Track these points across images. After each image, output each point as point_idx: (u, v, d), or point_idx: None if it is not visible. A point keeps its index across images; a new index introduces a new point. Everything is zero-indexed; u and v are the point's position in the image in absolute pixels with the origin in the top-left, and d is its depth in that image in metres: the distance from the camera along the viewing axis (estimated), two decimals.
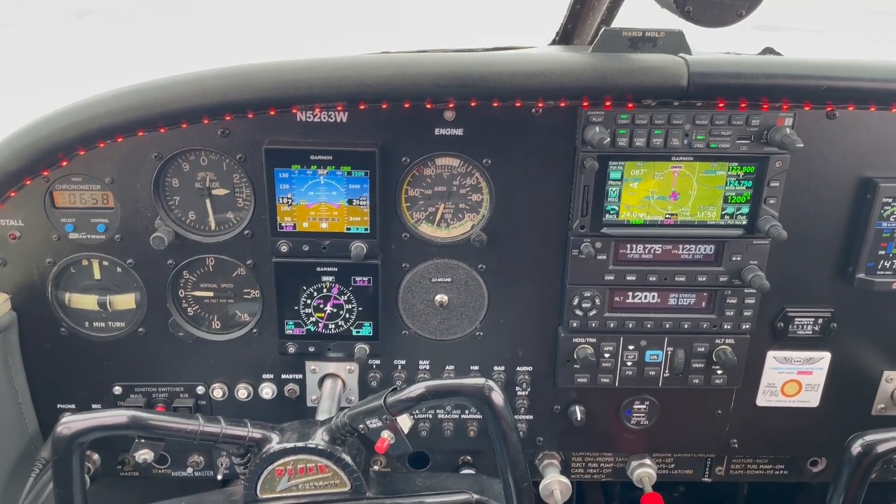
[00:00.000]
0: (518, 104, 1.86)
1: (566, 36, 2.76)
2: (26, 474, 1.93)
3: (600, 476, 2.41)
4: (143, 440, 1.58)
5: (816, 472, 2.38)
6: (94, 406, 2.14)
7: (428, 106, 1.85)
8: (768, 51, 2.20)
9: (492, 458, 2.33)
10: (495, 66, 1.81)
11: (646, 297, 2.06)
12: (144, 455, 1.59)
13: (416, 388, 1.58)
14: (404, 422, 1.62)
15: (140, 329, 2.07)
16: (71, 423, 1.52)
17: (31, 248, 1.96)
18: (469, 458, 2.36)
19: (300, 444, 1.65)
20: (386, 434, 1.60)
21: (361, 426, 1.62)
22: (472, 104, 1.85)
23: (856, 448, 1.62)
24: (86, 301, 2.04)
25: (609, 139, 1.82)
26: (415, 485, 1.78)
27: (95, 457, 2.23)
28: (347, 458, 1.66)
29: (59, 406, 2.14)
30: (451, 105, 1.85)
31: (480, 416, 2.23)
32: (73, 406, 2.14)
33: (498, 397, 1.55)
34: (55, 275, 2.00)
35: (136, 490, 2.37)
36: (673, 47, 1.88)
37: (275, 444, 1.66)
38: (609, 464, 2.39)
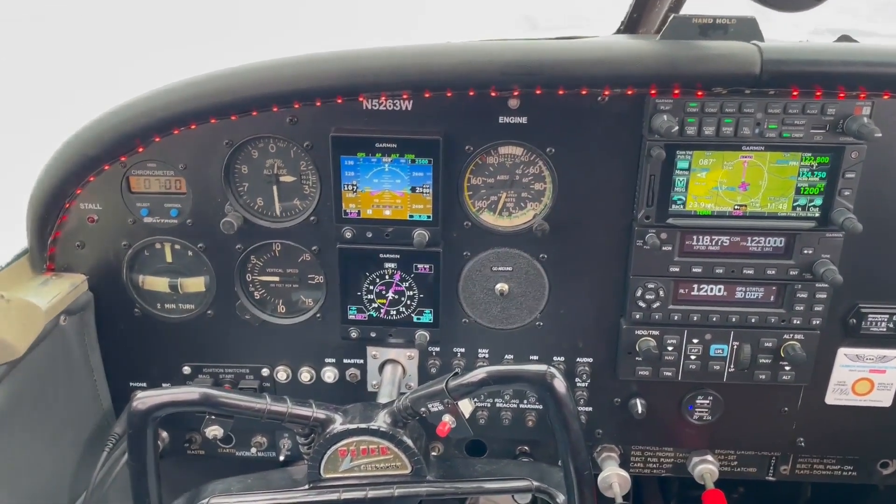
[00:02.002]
0: (584, 92, 1.84)
1: (631, 25, 2.72)
2: (100, 449, 2.02)
3: (660, 471, 2.37)
4: (213, 417, 1.63)
5: (887, 475, 2.30)
6: (164, 385, 2.22)
7: (492, 94, 1.85)
8: (845, 38, 2.12)
9: (549, 449, 2.34)
10: (561, 53, 1.79)
11: (712, 289, 2.02)
12: (214, 431, 1.64)
13: (478, 373, 1.58)
14: (465, 406, 1.63)
15: (209, 311, 2.13)
16: (146, 398, 1.58)
17: (108, 231, 2.05)
18: (527, 447, 2.36)
19: (363, 426, 1.68)
20: (447, 418, 1.61)
21: (423, 409, 1.64)
22: (537, 92, 1.85)
23: None
24: (158, 283, 2.11)
25: (677, 128, 1.79)
26: (474, 470, 1.79)
27: (164, 435, 2.31)
28: (409, 441, 1.69)
29: (131, 384, 2.22)
30: (515, 93, 1.85)
31: (539, 406, 2.23)
32: (144, 384, 2.22)
33: (560, 384, 1.54)
34: (130, 257, 2.08)
35: (202, 468, 2.44)
36: (745, 34, 1.83)
37: (338, 424, 1.69)
38: (669, 459, 2.35)
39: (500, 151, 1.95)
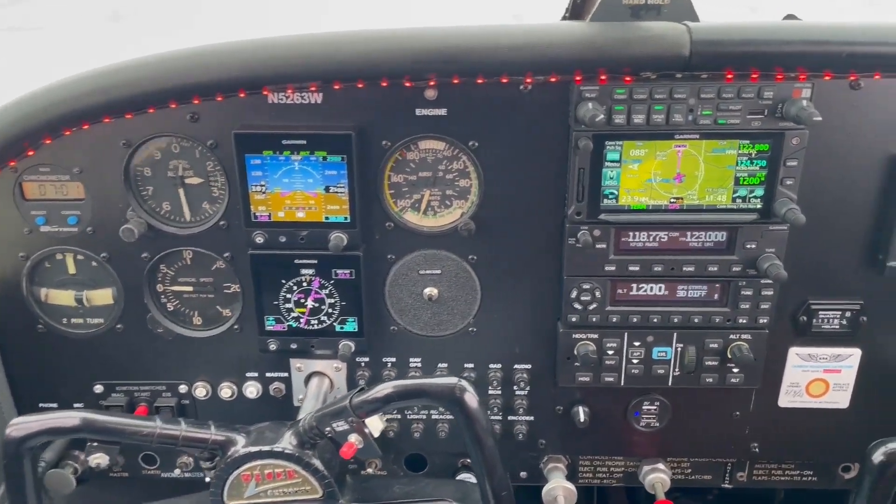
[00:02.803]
0: (504, 80, 1.71)
1: (576, 11, 2.58)
2: None
3: (610, 481, 2.25)
4: (96, 444, 1.49)
5: (849, 479, 2.18)
6: (75, 405, 2.07)
7: (407, 84, 1.72)
8: (790, 17, 2.00)
9: None
10: (477, 39, 1.66)
11: (651, 288, 1.90)
12: (98, 459, 1.50)
13: (383, 389, 1.45)
14: (375, 424, 1.50)
15: (118, 325, 1.99)
16: (20, 425, 1.44)
17: (3, 242, 1.90)
18: (469, 461, 2.23)
19: (266, 448, 1.54)
20: (353, 438, 1.48)
21: (328, 429, 1.50)
22: (455, 81, 1.71)
23: (877, 456, 1.45)
24: (62, 297, 1.97)
25: (602, 116, 1.66)
26: (392, 492, 1.66)
27: (83, 458, 2.17)
28: (317, 464, 1.55)
29: (40, 405, 2.08)
30: (431, 83, 1.72)
31: (502, 418, 2.09)
32: (55, 405, 2.08)
33: (471, 398, 1.41)
34: (29, 270, 1.93)
35: (126, 491, 2.30)
36: (679, 15, 1.71)
37: (240, 447, 1.56)
38: (620, 468, 2.23)
39: (421, 146, 1.82)
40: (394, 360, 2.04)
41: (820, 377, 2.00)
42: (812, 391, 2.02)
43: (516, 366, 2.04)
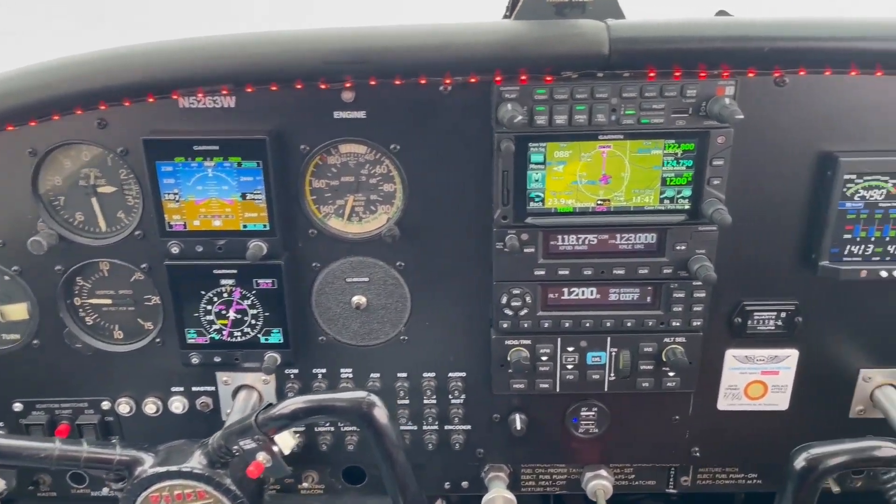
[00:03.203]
0: (423, 81, 1.66)
1: (513, 10, 2.54)
2: None
3: (554, 489, 2.21)
4: None
5: None
6: None
7: (322, 86, 1.66)
8: (722, 13, 1.97)
9: (433, 473, 2.15)
10: (392, 39, 1.61)
11: (583, 292, 1.85)
12: None
13: (288, 405, 1.40)
14: (286, 441, 1.44)
15: (35, 341, 1.91)
16: None
17: None
18: None
19: (174, 468, 1.48)
20: (261, 457, 1.42)
21: (235, 447, 1.44)
22: (372, 83, 1.66)
23: (799, 463, 1.42)
24: None
25: (520, 117, 1.61)
26: None
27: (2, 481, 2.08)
28: (229, 483, 1.49)
29: None
30: (347, 84, 1.66)
31: (414, 427, 2.04)
32: None
33: (380, 413, 1.36)
34: None
35: None
36: (604, 13, 1.67)
37: (147, 467, 1.49)
38: (562, 476, 2.18)
39: (342, 150, 1.76)
40: (324, 371, 1.98)
41: (758, 379, 1.96)
42: (751, 393, 1.98)
43: (451, 374, 1.98)
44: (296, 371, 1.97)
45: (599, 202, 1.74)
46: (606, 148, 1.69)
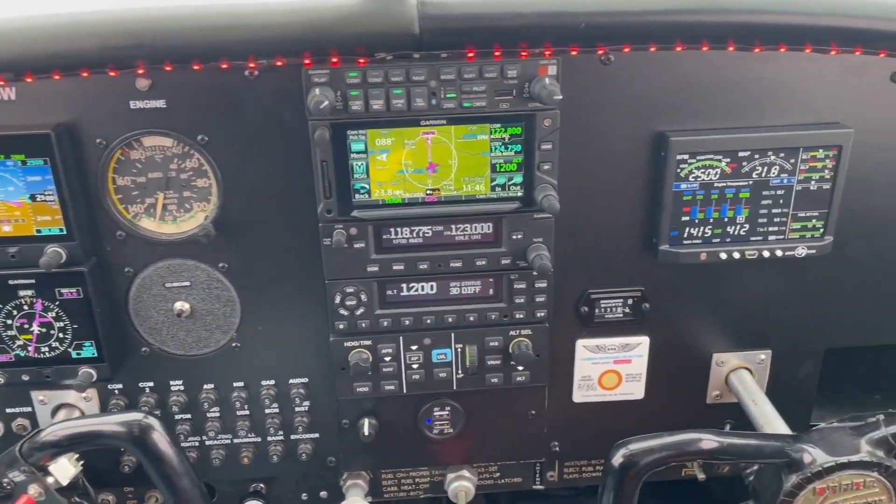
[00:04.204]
0: (225, 66, 1.52)
1: None
2: None
3: (418, 493, 2.11)
4: None
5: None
6: None
7: (112, 73, 1.50)
8: None
9: (287, 485, 2.03)
10: (182, 20, 1.47)
11: (422, 288, 1.75)
12: None
13: (52, 431, 1.25)
14: (63, 471, 1.28)
15: None
16: None
17: None
18: (262, 485, 2.04)
19: None
20: (32, 490, 1.26)
21: (6, 480, 1.28)
22: (168, 69, 1.51)
23: (617, 459, 1.35)
24: None
25: (327, 102, 1.49)
26: None
27: None
28: None
29: None
30: (140, 71, 1.51)
31: (282, 437, 1.91)
32: None
33: (158, 437, 1.23)
34: None
35: None
36: None
37: None
38: (425, 479, 2.09)
39: (145, 143, 1.61)
40: (151, 384, 1.82)
41: (611, 369, 1.91)
42: (605, 384, 1.93)
43: (292, 380, 1.86)
44: (119, 386, 1.82)
45: (429, 192, 1.64)
46: (430, 134, 1.58)
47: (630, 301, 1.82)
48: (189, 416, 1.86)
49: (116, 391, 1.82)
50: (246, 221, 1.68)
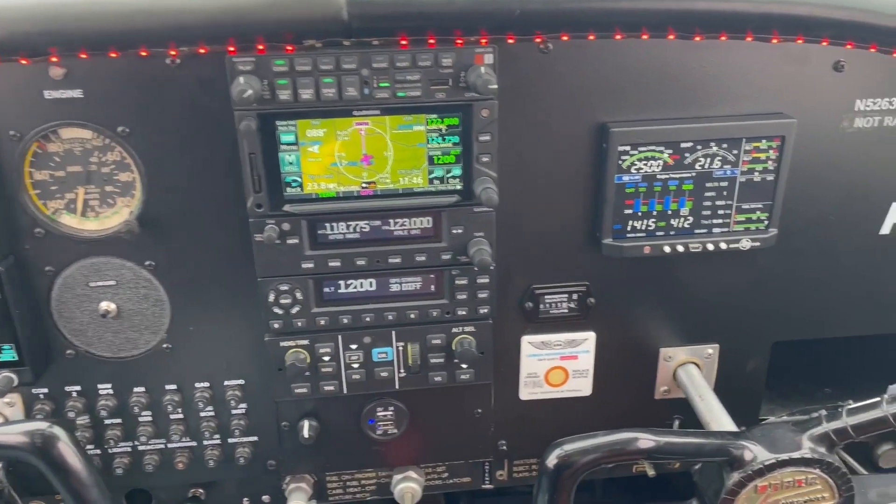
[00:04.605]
0: (144, 53, 1.44)
1: None
2: None
3: (364, 495, 2.06)
4: None
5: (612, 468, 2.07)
6: None
7: (23, 62, 1.42)
8: None
9: (228, 489, 1.97)
10: (93, 5, 1.38)
11: (362, 284, 1.69)
12: None
13: None
14: None
15: None
16: None
17: None
18: (201, 490, 1.97)
19: None
20: None
21: None
22: (84, 56, 1.43)
23: (551, 460, 1.31)
24: None
25: (268, 92, 1.43)
26: None
27: None
28: None
29: None
30: (54, 59, 1.42)
31: (218, 441, 1.84)
32: None
33: (63, 448, 1.15)
34: None
35: None
36: None
37: None
38: (371, 481, 2.04)
39: (63, 135, 1.53)
40: (78, 388, 1.74)
41: (558, 365, 1.87)
42: (552, 380, 1.89)
43: (227, 382, 1.79)
44: (45, 391, 1.73)
45: (364, 185, 1.58)
46: (364, 125, 1.52)
47: (575, 296, 1.78)
48: (119, 420, 1.79)
49: (41, 396, 1.74)
50: (173, 217, 1.60)
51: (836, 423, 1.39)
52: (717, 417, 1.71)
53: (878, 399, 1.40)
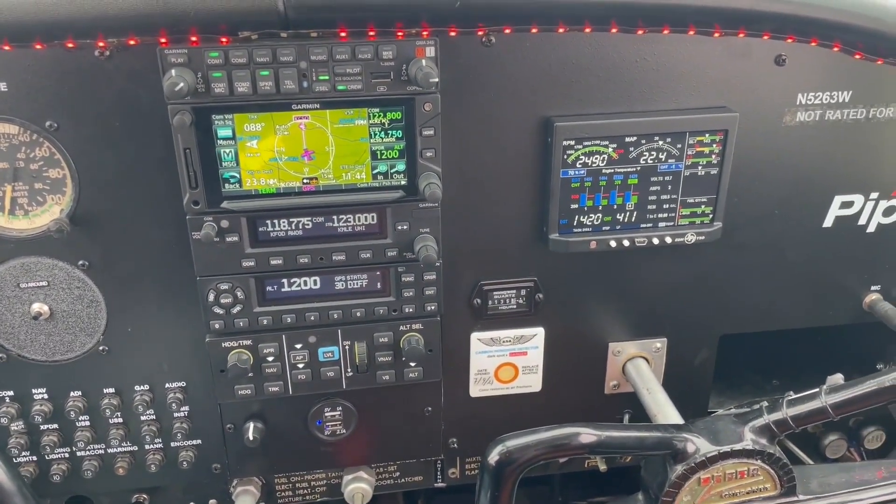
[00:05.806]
0: (71, 45, 1.39)
1: None
2: None
3: (314, 497, 2.02)
4: None
5: (563, 463, 2.07)
6: None
7: None
8: None
9: (173, 493, 1.92)
10: None
11: (306, 283, 1.66)
12: None
13: None
14: None
15: None
16: None
17: None
18: (145, 496, 1.92)
19: None
20: None
21: None
22: (7, 48, 1.37)
23: (493, 456, 1.29)
24: None
25: (202, 86, 1.39)
26: None
27: None
28: None
29: None
30: None
31: (161, 445, 1.80)
32: None
33: None
34: None
35: None
36: None
37: None
38: (322, 482, 2.01)
39: None
40: (11, 394, 1.68)
41: (507, 361, 1.86)
42: (502, 377, 1.87)
43: (168, 385, 1.74)
44: None
45: (306, 181, 1.54)
46: (304, 119, 1.49)
47: (523, 292, 1.77)
48: (55, 426, 1.73)
49: None
50: (107, 215, 1.55)
51: (777, 414, 1.40)
52: (664, 411, 1.72)
53: (816, 390, 1.41)
